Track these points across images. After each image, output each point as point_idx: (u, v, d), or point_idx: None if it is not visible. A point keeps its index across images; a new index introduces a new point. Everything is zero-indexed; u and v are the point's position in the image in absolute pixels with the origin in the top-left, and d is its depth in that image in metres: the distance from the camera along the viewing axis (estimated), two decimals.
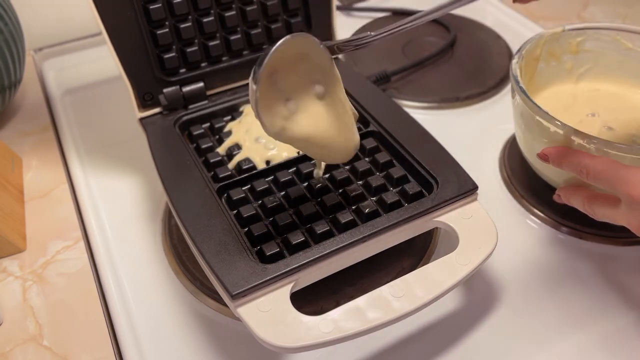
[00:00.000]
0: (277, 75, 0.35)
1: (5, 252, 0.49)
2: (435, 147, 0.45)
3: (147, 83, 0.49)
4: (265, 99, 0.35)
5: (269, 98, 0.35)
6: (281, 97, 0.36)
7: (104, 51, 0.50)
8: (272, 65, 0.34)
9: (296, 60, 0.36)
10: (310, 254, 0.38)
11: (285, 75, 0.36)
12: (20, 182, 0.56)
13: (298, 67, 0.36)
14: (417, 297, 0.36)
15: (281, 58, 0.35)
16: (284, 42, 0.34)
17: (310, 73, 0.37)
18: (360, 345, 0.42)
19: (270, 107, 0.36)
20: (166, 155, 0.46)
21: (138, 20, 0.47)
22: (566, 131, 0.42)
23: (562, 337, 0.43)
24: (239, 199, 0.43)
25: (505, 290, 0.46)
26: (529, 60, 0.52)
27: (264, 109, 0.35)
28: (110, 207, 0.54)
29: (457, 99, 0.65)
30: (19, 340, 0.43)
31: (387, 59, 0.71)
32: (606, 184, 0.38)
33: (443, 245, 0.49)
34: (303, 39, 0.35)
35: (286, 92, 0.36)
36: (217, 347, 0.43)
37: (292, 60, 0.36)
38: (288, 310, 0.35)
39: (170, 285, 0.47)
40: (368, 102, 0.51)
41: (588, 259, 0.48)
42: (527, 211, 0.52)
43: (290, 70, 0.36)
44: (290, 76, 0.36)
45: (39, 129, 0.63)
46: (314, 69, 0.37)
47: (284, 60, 0.35)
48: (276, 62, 0.34)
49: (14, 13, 0.60)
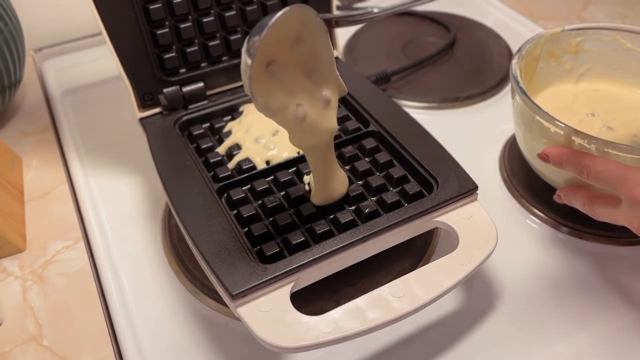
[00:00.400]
0: (275, 65, 0.34)
1: (5, 252, 0.49)
2: (435, 147, 0.45)
3: (147, 83, 0.49)
4: (261, 82, 0.34)
5: (266, 84, 0.34)
6: (279, 86, 0.35)
7: (104, 51, 0.50)
8: (267, 45, 0.33)
9: (291, 44, 0.34)
10: (310, 254, 0.38)
11: (281, 66, 0.35)
12: (20, 182, 0.56)
13: (293, 53, 0.35)
14: (417, 297, 0.36)
15: (277, 37, 0.33)
16: (283, 13, 0.32)
17: (305, 60, 0.36)
18: (360, 345, 0.42)
19: (267, 91, 0.35)
20: (166, 155, 0.46)
21: (138, 20, 0.47)
22: (566, 131, 0.42)
23: (562, 337, 0.43)
24: (239, 199, 0.43)
25: (505, 290, 0.46)
26: (529, 60, 0.52)
27: (257, 85, 0.33)
28: (110, 207, 0.54)
29: (457, 99, 0.65)
30: (19, 340, 0.43)
31: (387, 59, 0.71)
32: (606, 184, 0.38)
33: (443, 245, 0.49)
34: (300, 9, 0.33)
35: (284, 83, 0.35)
36: (217, 347, 0.43)
37: (287, 44, 0.34)
38: (288, 310, 0.35)
39: (170, 285, 0.47)
40: (368, 102, 0.51)
41: (588, 259, 0.48)
42: (527, 211, 0.52)
43: (286, 58, 0.35)
44: (286, 66, 0.35)
45: (39, 129, 0.63)
46: (308, 54, 0.36)
47: (279, 43, 0.34)
48: (272, 40, 0.33)
49: (14, 13, 0.60)
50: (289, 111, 0.36)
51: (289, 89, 0.36)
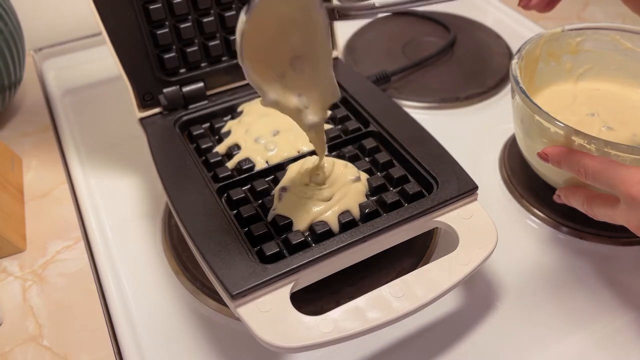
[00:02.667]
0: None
1: (5, 252, 0.49)
2: (435, 147, 0.45)
3: (147, 83, 0.49)
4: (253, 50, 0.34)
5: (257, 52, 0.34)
6: (269, 63, 0.35)
7: (104, 51, 0.50)
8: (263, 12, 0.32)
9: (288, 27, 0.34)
10: (310, 254, 0.38)
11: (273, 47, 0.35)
12: (20, 182, 0.56)
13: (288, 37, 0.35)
14: (417, 297, 0.36)
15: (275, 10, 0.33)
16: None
17: (299, 49, 0.36)
18: (360, 345, 0.42)
19: (257, 58, 0.34)
20: (166, 155, 0.46)
21: (138, 20, 0.47)
22: (566, 131, 0.42)
23: (562, 337, 0.43)
24: (239, 199, 0.43)
25: (505, 290, 0.46)
26: (529, 60, 0.52)
27: (247, 48, 0.33)
28: (110, 207, 0.54)
29: (457, 99, 0.65)
30: (19, 340, 0.43)
31: (387, 59, 0.71)
32: (604, 184, 0.38)
33: (443, 245, 0.49)
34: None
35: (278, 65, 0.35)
36: (217, 347, 0.43)
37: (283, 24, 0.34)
38: (288, 310, 0.35)
39: (170, 285, 0.47)
40: (368, 102, 0.51)
41: (588, 259, 0.48)
42: (527, 211, 0.52)
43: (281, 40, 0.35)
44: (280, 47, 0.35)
45: (39, 129, 0.63)
46: (303, 43, 0.35)
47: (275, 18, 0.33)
48: (272, 3, 0.33)
49: (14, 13, 0.60)
50: (274, 87, 0.36)
51: (278, 71, 0.36)
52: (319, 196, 0.42)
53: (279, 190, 0.43)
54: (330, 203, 0.41)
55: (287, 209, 0.42)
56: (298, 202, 0.42)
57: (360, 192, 0.43)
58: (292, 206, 0.41)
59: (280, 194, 0.43)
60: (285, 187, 0.43)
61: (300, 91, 0.37)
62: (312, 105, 0.38)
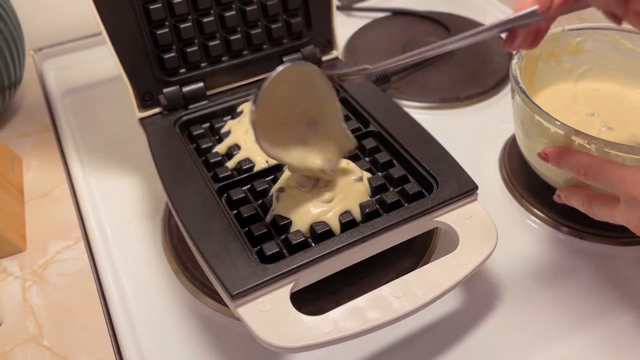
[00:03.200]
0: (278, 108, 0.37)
1: (5, 252, 0.49)
2: (435, 147, 0.45)
3: (147, 83, 0.49)
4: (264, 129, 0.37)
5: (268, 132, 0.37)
6: (280, 127, 0.39)
7: (104, 51, 0.50)
8: (271, 91, 0.36)
9: (298, 90, 0.38)
10: (310, 254, 0.38)
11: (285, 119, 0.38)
12: (20, 182, 0.56)
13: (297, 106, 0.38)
14: (417, 297, 0.36)
15: (281, 84, 0.36)
16: (285, 68, 0.36)
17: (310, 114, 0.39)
18: (360, 345, 0.42)
19: (270, 140, 0.38)
20: (166, 155, 0.46)
21: (138, 20, 0.47)
22: (566, 131, 0.42)
23: (562, 337, 0.43)
24: (239, 199, 0.43)
25: (505, 290, 0.46)
26: (529, 60, 0.52)
27: (260, 131, 0.37)
28: (110, 207, 0.54)
29: (457, 99, 0.65)
30: (19, 340, 0.43)
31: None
32: (604, 184, 0.38)
33: (443, 245, 0.49)
34: (306, 67, 0.37)
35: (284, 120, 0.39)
36: (217, 347, 0.43)
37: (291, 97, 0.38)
38: (288, 310, 0.35)
39: (170, 285, 0.47)
40: (368, 102, 0.51)
41: (588, 259, 0.48)
42: (527, 211, 0.52)
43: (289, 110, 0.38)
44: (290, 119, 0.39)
45: (39, 129, 0.63)
46: (312, 108, 0.39)
47: (281, 95, 0.37)
48: (275, 86, 0.36)
49: (14, 13, 0.60)
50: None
51: (298, 137, 0.40)
52: (319, 198, 0.42)
53: (277, 191, 0.43)
54: (332, 204, 0.41)
55: (287, 209, 0.42)
56: (297, 203, 0.42)
57: (362, 192, 0.43)
58: (291, 207, 0.41)
59: (278, 194, 0.43)
60: (283, 188, 0.43)
61: (320, 149, 0.41)
62: (331, 158, 0.41)
